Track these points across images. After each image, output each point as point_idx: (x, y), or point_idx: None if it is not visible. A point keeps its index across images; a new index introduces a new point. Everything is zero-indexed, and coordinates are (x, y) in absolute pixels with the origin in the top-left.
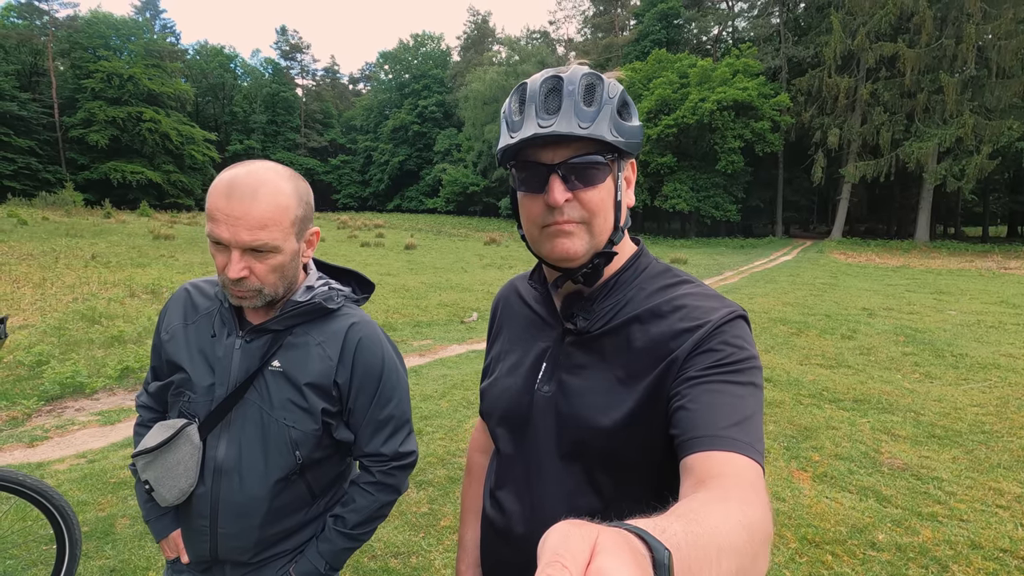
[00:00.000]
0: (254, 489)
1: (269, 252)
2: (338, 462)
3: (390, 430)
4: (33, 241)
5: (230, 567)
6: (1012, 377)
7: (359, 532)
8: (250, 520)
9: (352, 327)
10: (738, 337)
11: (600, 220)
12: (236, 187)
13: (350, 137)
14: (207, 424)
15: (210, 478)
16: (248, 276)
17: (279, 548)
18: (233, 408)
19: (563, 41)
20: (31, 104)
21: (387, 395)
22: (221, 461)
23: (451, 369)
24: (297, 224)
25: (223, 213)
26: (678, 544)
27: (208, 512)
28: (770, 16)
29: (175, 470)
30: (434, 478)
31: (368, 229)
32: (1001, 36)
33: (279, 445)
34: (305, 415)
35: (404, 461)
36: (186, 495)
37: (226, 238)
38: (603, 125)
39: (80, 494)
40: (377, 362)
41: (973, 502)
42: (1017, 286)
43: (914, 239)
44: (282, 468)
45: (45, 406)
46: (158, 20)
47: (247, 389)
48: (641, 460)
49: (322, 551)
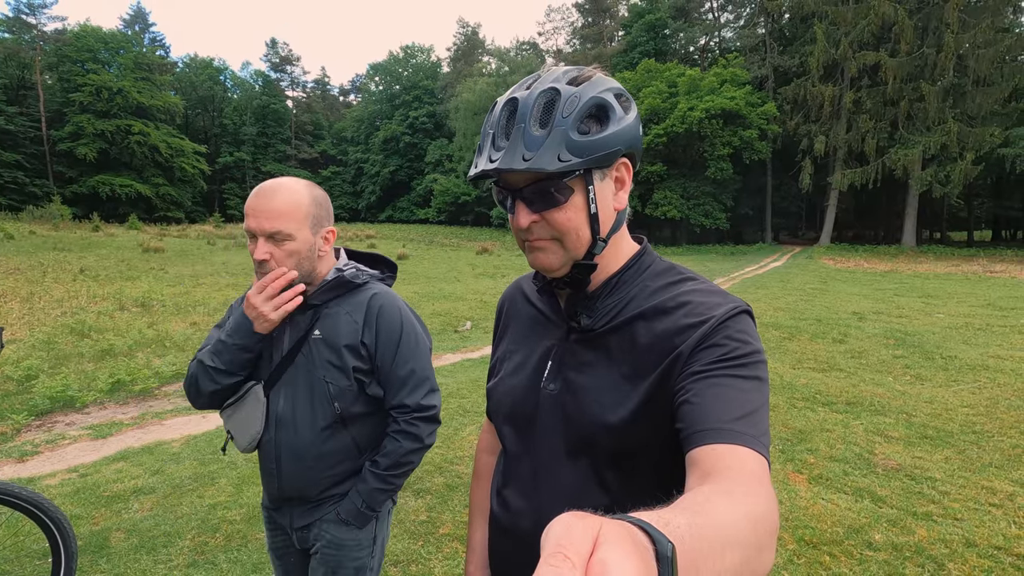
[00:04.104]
0: (306, 436)
1: (284, 239)
2: (379, 421)
3: (412, 384)
4: (20, 255)
5: (296, 503)
6: (1001, 378)
7: (389, 475)
8: (304, 462)
9: (374, 296)
10: (742, 332)
11: (571, 237)
12: (263, 189)
13: (341, 148)
14: (269, 383)
15: (273, 427)
16: (269, 259)
17: (331, 491)
18: (287, 370)
19: (552, 52)
20: (18, 118)
21: (407, 353)
22: (280, 413)
23: (446, 378)
24: (310, 219)
25: (252, 208)
26: (682, 537)
27: (273, 456)
28: (756, 26)
29: (246, 421)
30: (432, 486)
31: (360, 240)
32: (979, 45)
33: (322, 399)
34: (340, 373)
35: (426, 413)
36: (255, 441)
37: (253, 227)
38: (548, 154)
39: (73, 508)
40: (396, 325)
41: (966, 501)
42: (1003, 289)
43: (901, 244)
44: (325, 418)
45: (35, 421)
46: (147, 33)
47: (296, 354)
48: (647, 456)
49: (360, 490)
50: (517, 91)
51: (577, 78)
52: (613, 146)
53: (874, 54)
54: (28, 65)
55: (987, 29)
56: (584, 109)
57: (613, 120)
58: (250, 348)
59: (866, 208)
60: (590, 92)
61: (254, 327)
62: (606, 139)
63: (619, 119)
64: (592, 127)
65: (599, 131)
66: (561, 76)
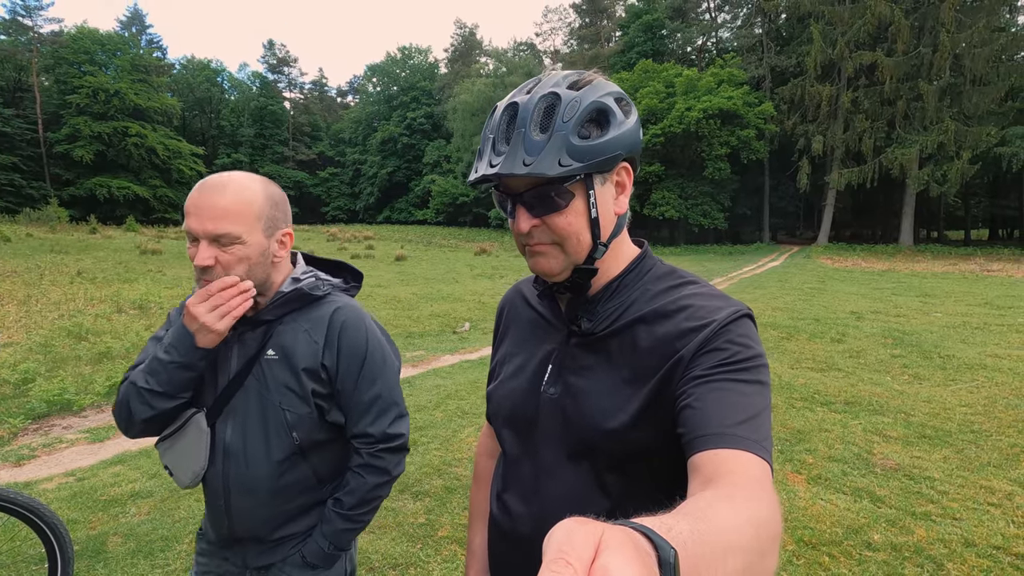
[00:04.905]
0: (259, 468)
1: (233, 242)
2: (340, 448)
3: (377, 411)
4: (17, 258)
5: (249, 545)
6: (998, 377)
7: (355, 514)
8: (257, 497)
9: (336, 311)
10: (744, 336)
11: (572, 242)
12: (209, 184)
13: (339, 150)
14: (213, 411)
15: (220, 459)
16: (214, 265)
17: (290, 529)
18: (235, 395)
19: (549, 53)
20: (15, 120)
21: (372, 376)
22: (228, 443)
23: (444, 379)
24: (264, 220)
25: (194, 206)
26: (684, 542)
27: (222, 492)
28: (752, 27)
29: (187, 454)
30: (431, 488)
31: (358, 241)
32: (975, 44)
33: (277, 427)
34: (298, 399)
35: (393, 443)
36: (199, 477)
37: (194, 227)
38: (548, 159)
39: (70, 512)
40: (361, 344)
41: (965, 500)
42: (1000, 288)
43: (899, 243)
44: (282, 449)
45: (32, 424)
46: (144, 35)
47: (246, 377)
48: (648, 460)
49: (324, 532)
50: (517, 95)
51: (577, 82)
52: (614, 150)
53: (871, 54)
54: (24, 67)
55: (983, 28)
56: (584, 113)
57: (614, 124)
58: (192, 366)
59: (864, 207)
60: (591, 96)
61: (196, 341)
62: (607, 143)
63: (620, 123)
64: (593, 131)
65: (600, 136)
66: (561, 80)
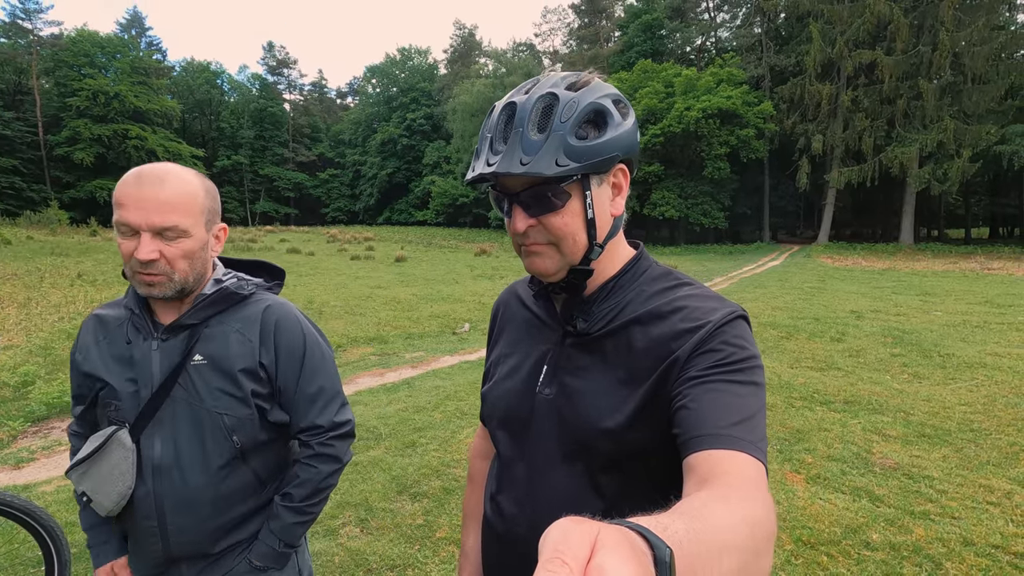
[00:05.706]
0: (197, 480)
1: (179, 236)
2: (281, 447)
3: (323, 402)
4: (17, 261)
5: (187, 565)
6: (998, 375)
7: (306, 505)
8: (198, 511)
9: (267, 309)
10: (739, 337)
11: (568, 242)
12: (144, 175)
13: (338, 151)
14: (137, 426)
15: (150, 477)
16: (158, 259)
17: (233, 538)
18: (161, 407)
19: (549, 53)
20: (15, 123)
21: (313, 369)
22: (159, 459)
23: (444, 380)
24: (205, 214)
25: (133, 198)
26: (680, 542)
27: (154, 511)
28: (752, 26)
29: (111, 476)
30: (429, 489)
31: (358, 242)
32: (974, 42)
33: (214, 434)
34: (236, 401)
35: (341, 430)
36: (125, 499)
37: (136, 221)
38: (545, 159)
39: (68, 515)
40: (298, 339)
41: (964, 499)
42: (1000, 286)
43: (899, 242)
44: (221, 455)
45: (31, 427)
46: (144, 37)
47: (172, 386)
48: (644, 461)
49: (273, 528)
50: (515, 95)
51: (576, 83)
52: (611, 152)
53: (870, 52)
54: (24, 70)
55: (982, 27)
56: (582, 114)
57: (611, 126)
58: None
59: (864, 206)
60: (588, 98)
61: None
62: (604, 145)
63: (617, 125)
64: (590, 132)
65: (597, 137)
66: (560, 81)
